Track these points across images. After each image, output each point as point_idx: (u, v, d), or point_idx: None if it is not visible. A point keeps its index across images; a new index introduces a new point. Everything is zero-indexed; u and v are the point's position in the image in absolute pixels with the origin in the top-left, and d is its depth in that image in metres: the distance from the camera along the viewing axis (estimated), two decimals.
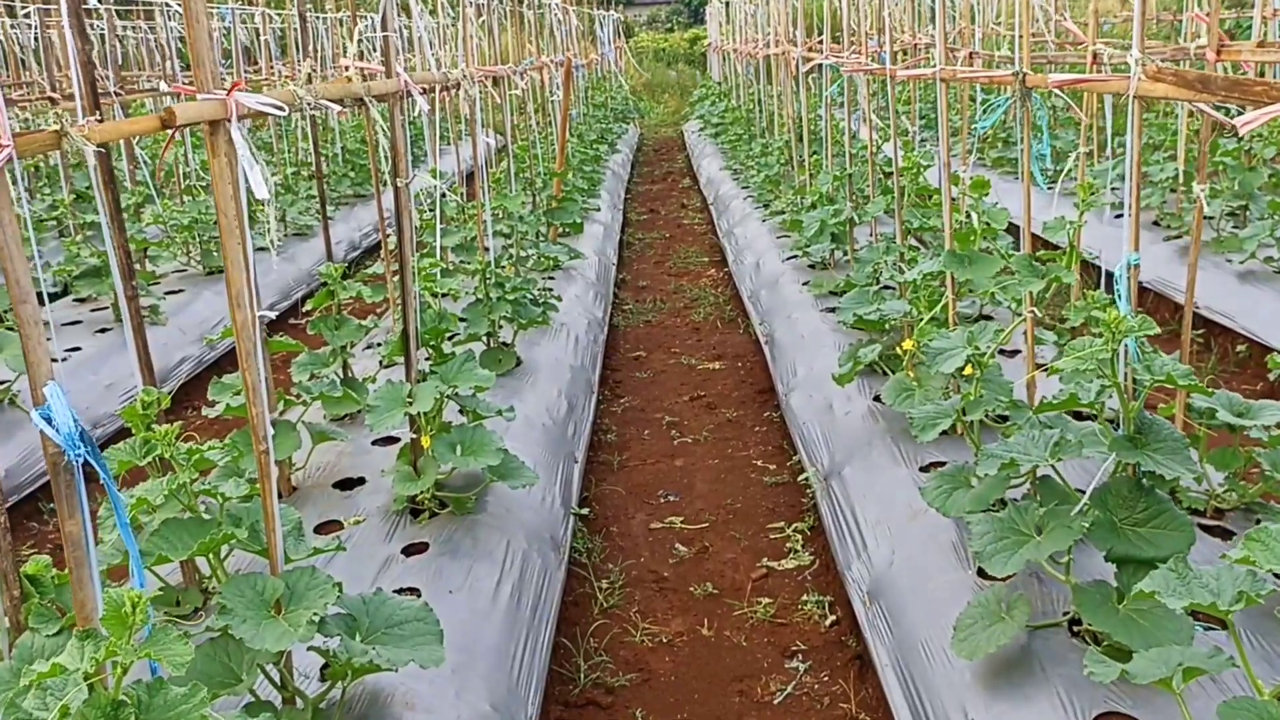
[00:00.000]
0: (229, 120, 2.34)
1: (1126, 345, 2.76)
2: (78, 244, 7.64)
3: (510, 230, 6.86)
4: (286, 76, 11.42)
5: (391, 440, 4.59)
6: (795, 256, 8.10)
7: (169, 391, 6.84)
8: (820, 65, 7.44)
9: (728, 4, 18.52)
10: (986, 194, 4.37)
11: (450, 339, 5.77)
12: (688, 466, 5.52)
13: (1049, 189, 4.53)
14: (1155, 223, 8.26)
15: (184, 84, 7.33)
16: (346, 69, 3.43)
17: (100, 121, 2.94)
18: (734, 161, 13.54)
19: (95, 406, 5.97)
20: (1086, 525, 2.77)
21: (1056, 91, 3.38)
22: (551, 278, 7.76)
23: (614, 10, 23.21)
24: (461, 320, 5.66)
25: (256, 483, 2.62)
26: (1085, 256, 7.61)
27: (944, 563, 3.52)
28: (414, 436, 4.08)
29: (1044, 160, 3.57)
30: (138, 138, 8.30)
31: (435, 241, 4.63)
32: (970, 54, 5.03)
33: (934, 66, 4.24)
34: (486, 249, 5.76)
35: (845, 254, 7.36)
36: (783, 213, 9.46)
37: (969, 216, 4.55)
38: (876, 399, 5.06)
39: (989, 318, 5.90)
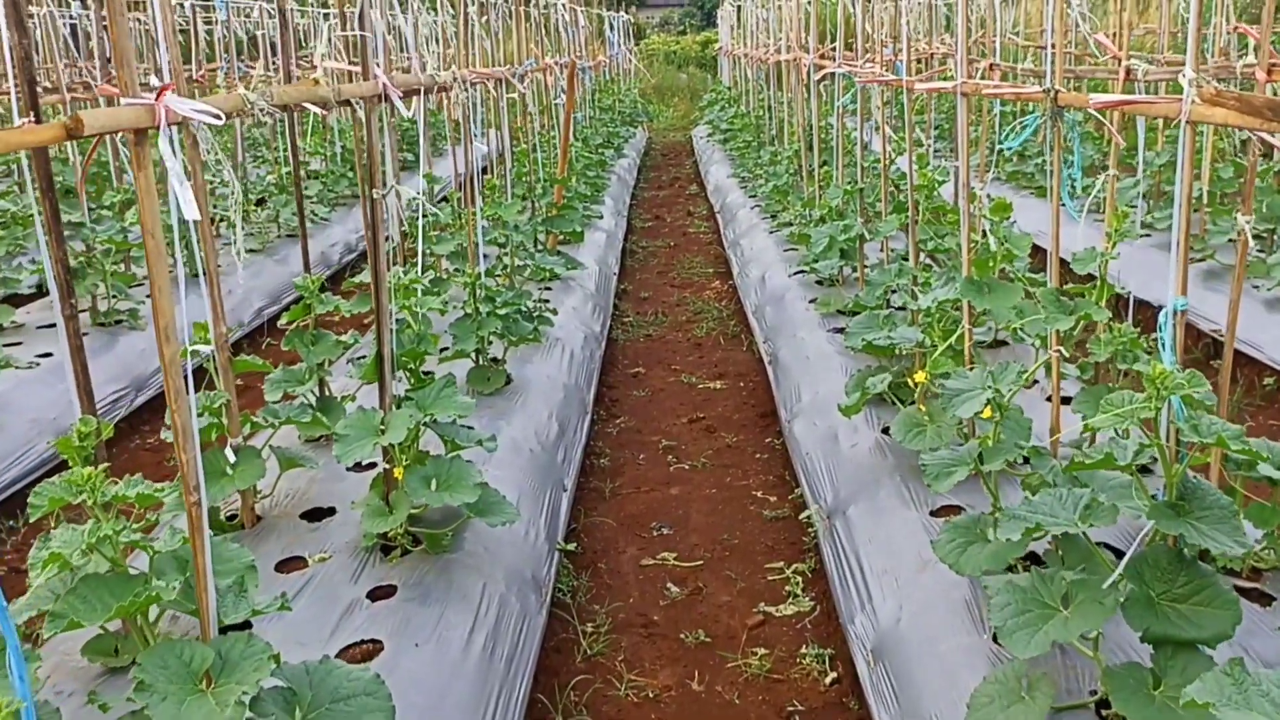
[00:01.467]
0: (158, 128, 2.05)
1: (1171, 402, 2.46)
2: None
3: (506, 239, 6.57)
4: (265, 76, 11.13)
5: (370, 465, 4.31)
6: (802, 271, 7.80)
7: (148, 399, 6.57)
8: (832, 74, 7.14)
9: (739, 7, 18.22)
10: (1008, 217, 4.08)
11: (440, 352, 5.50)
12: (684, 496, 5.22)
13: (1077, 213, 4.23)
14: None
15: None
16: (315, 69, 3.14)
17: (37, 122, 2.66)
18: (742, 169, 13.24)
19: (63, 417, 5.68)
20: (1120, 600, 2.48)
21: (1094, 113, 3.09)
22: (549, 288, 7.47)
23: (624, 12, 22.94)
24: (450, 335, 5.37)
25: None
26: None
27: (956, 623, 3.22)
28: (387, 467, 3.79)
29: (1074, 185, 3.27)
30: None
31: (419, 256, 4.34)
32: (990, 65, 4.72)
33: (954, 80, 3.94)
34: (478, 261, 5.47)
35: (855, 271, 7.06)
36: (790, 224, 9.16)
37: (985, 236, 4.26)
38: (885, 431, 4.76)
39: (1004, 343, 5.61)
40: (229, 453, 3.61)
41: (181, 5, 10.81)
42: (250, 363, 4.12)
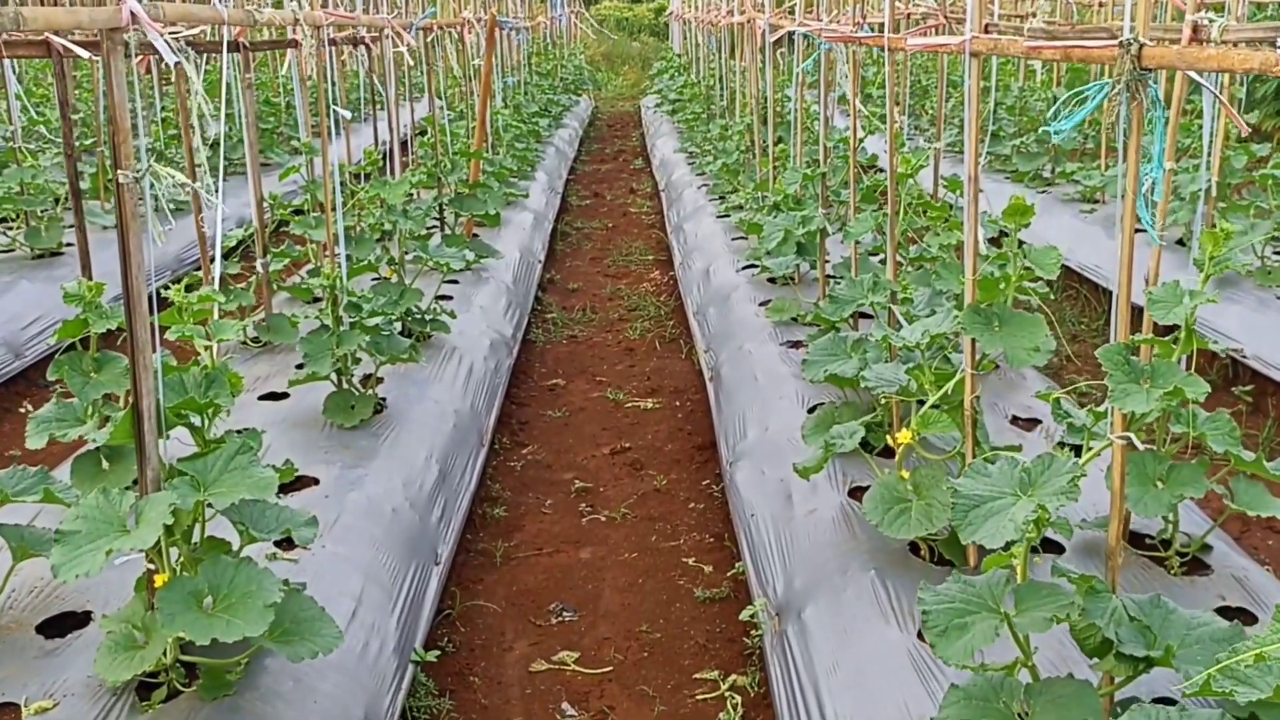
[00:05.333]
0: None
1: None
2: None
3: (394, 226, 5.40)
4: None
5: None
6: (752, 267, 6.70)
7: None
8: (791, 35, 6.01)
9: None
10: (1028, 224, 2.99)
11: (297, 368, 4.32)
12: (596, 562, 4.11)
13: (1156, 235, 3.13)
14: (1180, 242, 6.94)
15: None
16: None
17: None
18: (690, 143, 12.10)
19: None
20: None
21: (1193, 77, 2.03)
22: (454, 281, 6.30)
23: None
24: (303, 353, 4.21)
25: None
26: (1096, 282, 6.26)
27: None
28: (150, 569, 2.65)
29: (1152, 191, 2.21)
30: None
31: (215, 264, 3.17)
32: (986, 26, 3.64)
33: (962, 35, 2.84)
34: (338, 264, 4.30)
35: (813, 269, 5.96)
36: (741, 208, 8.05)
37: (981, 244, 3.18)
38: (853, 494, 3.68)
39: (997, 365, 4.55)
40: None
41: None
42: None
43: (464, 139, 8.55)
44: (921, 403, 3.24)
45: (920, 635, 2.82)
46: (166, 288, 3.27)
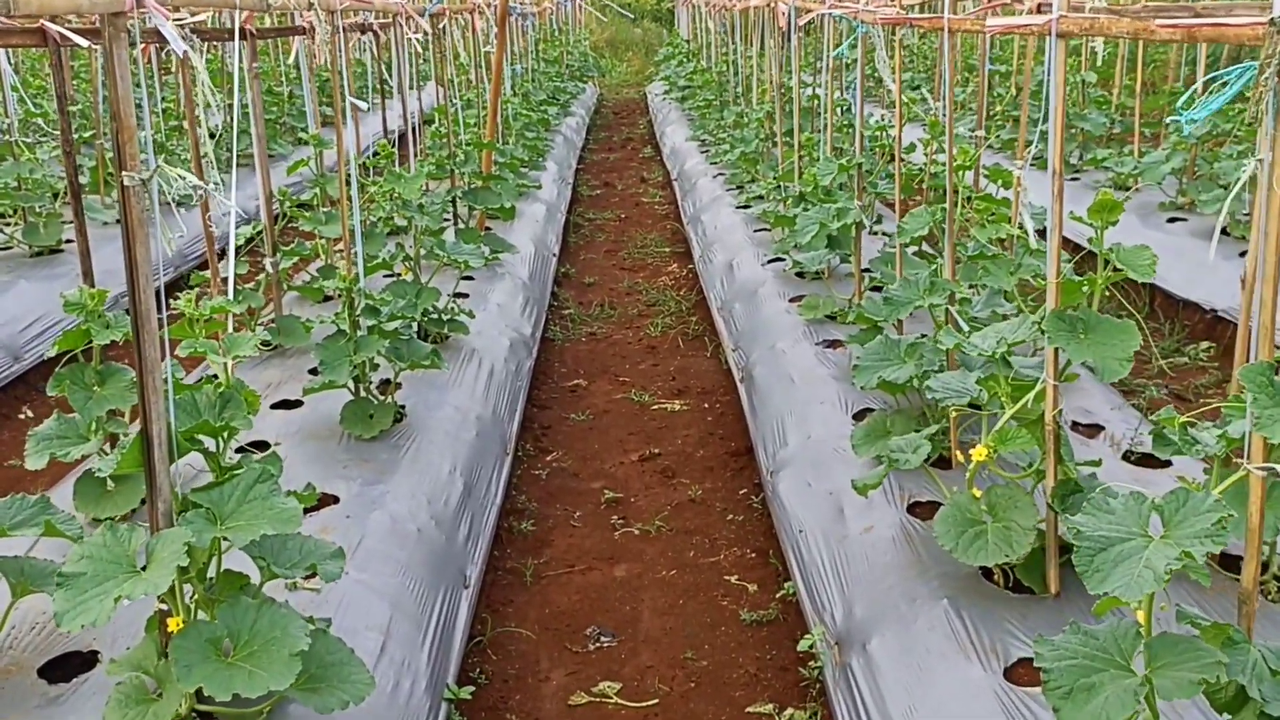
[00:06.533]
0: None
1: None
2: None
3: (409, 222, 5.15)
4: None
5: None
6: (779, 260, 6.44)
7: None
8: (823, 17, 5.74)
9: None
10: (1116, 221, 2.74)
11: (311, 374, 4.07)
12: (632, 580, 3.87)
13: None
14: (1225, 231, 6.68)
15: None
16: None
17: None
18: (702, 131, 11.81)
19: None
20: None
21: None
22: (469, 278, 6.04)
23: None
24: (319, 360, 3.96)
25: None
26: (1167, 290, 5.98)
27: None
28: (162, 610, 2.40)
29: None
30: None
31: (230, 273, 2.92)
32: (1038, 4, 3.38)
33: (1048, 15, 2.57)
34: (354, 264, 4.04)
35: (846, 263, 5.71)
36: (762, 198, 7.79)
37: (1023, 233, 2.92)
38: (912, 510, 3.44)
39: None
40: None
41: None
42: None
43: (473, 128, 8.28)
44: (993, 415, 2.99)
45: (1009, 677, 2.57)
46: (175, 288, 3.03)
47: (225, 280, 4.61)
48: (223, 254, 4.65)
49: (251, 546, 2.45)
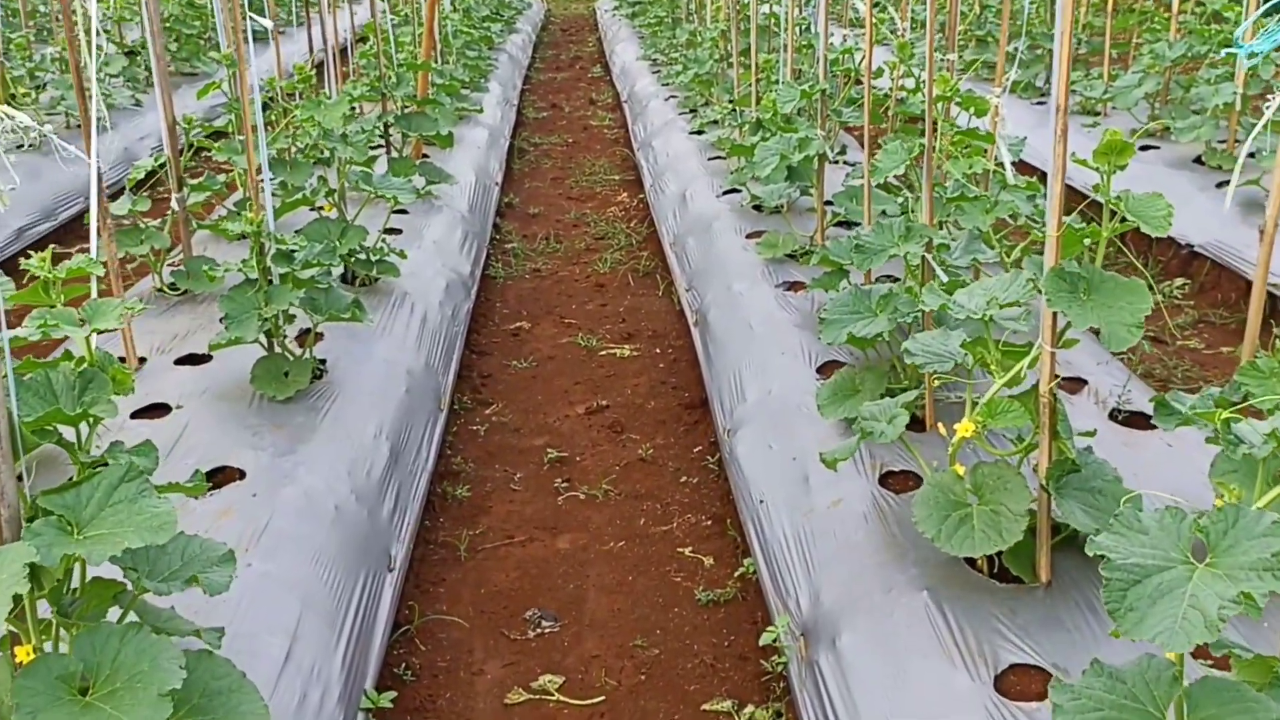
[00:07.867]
0: None
1: None
2: None
3: (332, 153, 4.68)
4: None
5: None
6: (735, 191, 6.05)
7: None
8: None
9: None
10: (1124, 165, 2.39)
11: (221, 321, 3.64)
12: (577, 554, 3.53)
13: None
14: (1198, 160, 6.38)
15: None
16: None
17: None
18: (653, 50, 11.30)
19: None
20: None
21: None
22: (403, 212, 5.60)
23: None
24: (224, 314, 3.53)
25: None
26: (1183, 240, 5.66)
27: None
28: (13, 633, 2.02)
29: None
30: None
31: (93, 224, 2.48)
32: None
33: None
34: (263, 205, 3.60)
35: (806, 195, 5.34)
36: (716, 123, 7.37)
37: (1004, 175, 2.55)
38: (884, 481, 3.12)
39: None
40: None
41: None
42: None
43: (410, 47, 7.74)
44: (976, 382, 2.66)
45: (999, 688, 2.27)
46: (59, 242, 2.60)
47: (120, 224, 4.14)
48: (116, 195, 4.19)
49: (120, 555, 2.07)
